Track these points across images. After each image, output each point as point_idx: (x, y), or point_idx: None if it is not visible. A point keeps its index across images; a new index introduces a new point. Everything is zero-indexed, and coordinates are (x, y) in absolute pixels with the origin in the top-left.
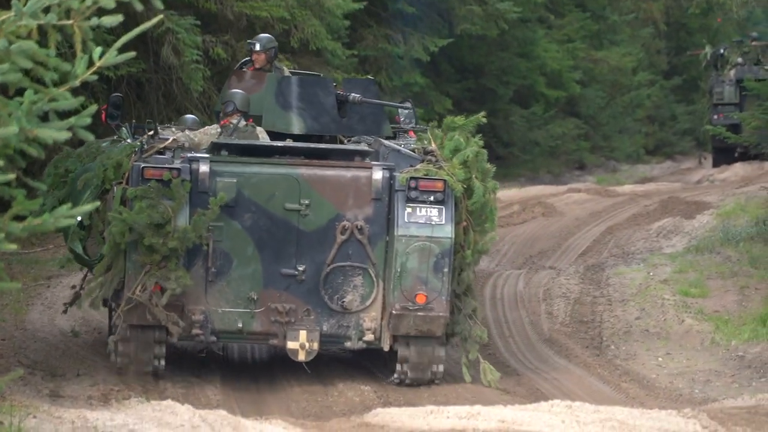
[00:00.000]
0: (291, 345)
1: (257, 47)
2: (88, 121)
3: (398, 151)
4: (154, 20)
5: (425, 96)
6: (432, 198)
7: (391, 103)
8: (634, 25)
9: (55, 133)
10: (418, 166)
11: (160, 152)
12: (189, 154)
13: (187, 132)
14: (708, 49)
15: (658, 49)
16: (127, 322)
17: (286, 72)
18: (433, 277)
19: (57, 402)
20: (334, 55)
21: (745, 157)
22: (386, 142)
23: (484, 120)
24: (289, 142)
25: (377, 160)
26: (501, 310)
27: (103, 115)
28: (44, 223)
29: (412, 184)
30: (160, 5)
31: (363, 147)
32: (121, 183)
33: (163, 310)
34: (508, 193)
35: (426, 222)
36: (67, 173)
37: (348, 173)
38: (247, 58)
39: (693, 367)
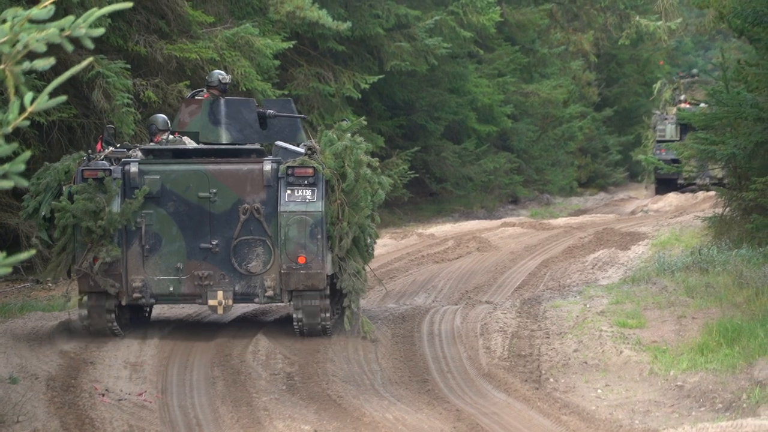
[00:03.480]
0: (211, 302)
1: (228, 79)
2: (22, 167)
3: (286, 148)
4: (84, 63)
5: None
6: (305, 182)
7: (296, 115)
8: (564, 57)
9: None
10: (297, 159)
11: (107, 159)
12: (124, 159)
13: (133, 152)
14: (659, 84)
15: (589, 81)
16: (81, 290)
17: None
18: (310, 242)
19: None
20: (265, 95)
21: (685, 186)
22: (279, 143)
23: (365, 123)
24: (200, 146)
25: (270, 156)
26: (439, 346)
27: (99, 143)
28: None
29: (290, 171)
30: (90, 45)
31: (257, 146)
32: (69, 183)
33: (102, 277)
34: (442, 229)
35: (302, 200)
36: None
37: (244, 167)
38: (199, 89)
39: (632, 397)
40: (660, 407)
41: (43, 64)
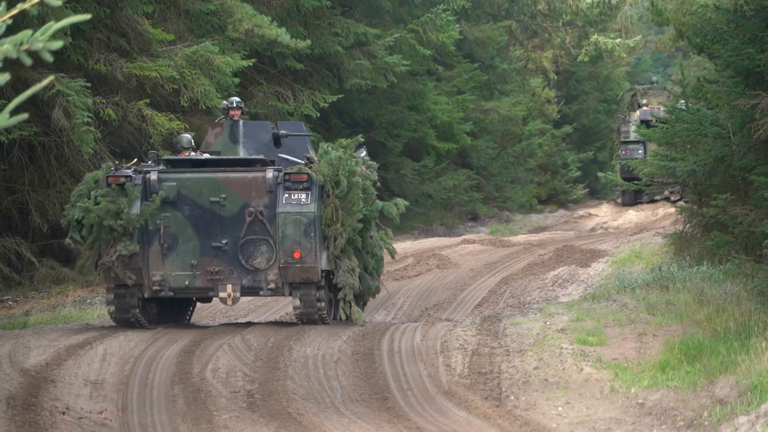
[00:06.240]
0: (221, 295)
1: (235, 104)
2: None
3: (288, 159)
4: (45, 81)
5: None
6: (300, 186)
7: (304, 133)
8: (524, 74)
9: None
10: (295, 167)
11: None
12: (145, 168)
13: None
14: (621, 93)
15: (549, 98)
16: (106, 282)
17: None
18: (304, 239)
19: None
20: None
21: (652, 196)
22: (282, 155)
23: (362, 139)
24: (213, 157)
25: (273, 166)
26: (399, 364)
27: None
28: None
29: (287, 177)
30: (49, 58)
31: (261, 157)
32: (97, 189)
33: (123, 269)
34: (402, 246)
35: (297, 202)
36: None
37: (249, 175)
38: (221, 117)
39: (593, 415)
40: (621, 425)
41: None
